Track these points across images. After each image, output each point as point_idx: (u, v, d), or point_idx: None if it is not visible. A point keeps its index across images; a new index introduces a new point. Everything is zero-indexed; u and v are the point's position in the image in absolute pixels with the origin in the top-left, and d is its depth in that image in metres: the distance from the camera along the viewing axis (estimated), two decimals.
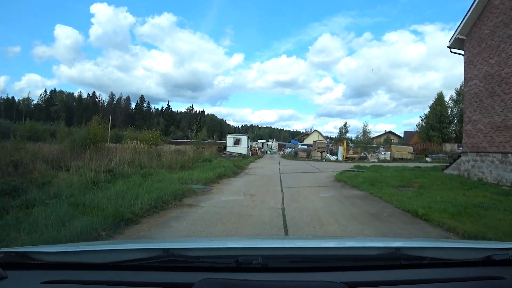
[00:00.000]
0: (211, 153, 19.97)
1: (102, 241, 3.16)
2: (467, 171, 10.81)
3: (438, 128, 34.82)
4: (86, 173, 6.34)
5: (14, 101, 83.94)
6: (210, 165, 12.37)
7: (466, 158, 11.05)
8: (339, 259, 1.16)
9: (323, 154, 25.30)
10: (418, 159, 24.18)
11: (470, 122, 10.95)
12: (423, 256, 1.12)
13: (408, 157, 23.89)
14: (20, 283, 0.99)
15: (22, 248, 1.45)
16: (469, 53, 11.24)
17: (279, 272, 1.04)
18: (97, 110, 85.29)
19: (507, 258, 1.11)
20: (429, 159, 23.93)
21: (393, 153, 24.15)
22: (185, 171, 10.00)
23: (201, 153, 16.69)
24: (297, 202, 5.99)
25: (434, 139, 33.87)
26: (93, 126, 14.12)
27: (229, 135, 29.07)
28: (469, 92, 11.23)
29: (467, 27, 11.21)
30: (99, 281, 0.98)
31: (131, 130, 15.56)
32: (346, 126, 42.31)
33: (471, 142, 10.84)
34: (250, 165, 16.94)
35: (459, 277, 1.06)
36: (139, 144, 12.05)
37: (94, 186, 6.16)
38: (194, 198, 6.18)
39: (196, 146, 16.57)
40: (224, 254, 1.17)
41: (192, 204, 5.54)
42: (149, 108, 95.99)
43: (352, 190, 7.80)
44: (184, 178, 8.00)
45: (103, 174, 6.79)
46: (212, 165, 12.29)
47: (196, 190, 6.79)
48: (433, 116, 35.10)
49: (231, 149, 25.77)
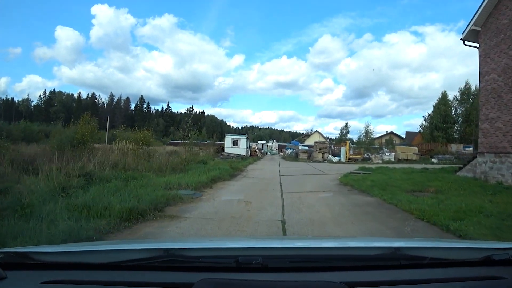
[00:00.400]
0: (208, 154, 19.10)
1: (102, 241, 3.06)
2: (484, 174, 9.90)
3: (442, 128, 33.90)
4: (55, 178, 5.45)
5: (13, 102, 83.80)
6: (205, 167, 11.47)
7: (482, 159, 10.14)
8: (339, 259, 1.14)
9: (325, 155, 24.39)
10: (424, 160, 23.30)
11: (487, 120, 10.05)
12: (423, 256, 1.11)
13: (413, 158, 22.98)
14: (20, 283, 0.98)
15: (22, 248, 1.44)
16: (485, 46, 10.35)
17: (279, 272, 1.03)
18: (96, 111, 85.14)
19: (507, 258, 1.09)
20: (435, 160, 23.01)
21: (398, 154, 23.24)
22: (176, 174, 9.12)
23: (196, 154, 15.77)
24: (299, 211, 5.09)
25: (439, 139, 32.94)
26: (81, 125, 13.24)
27: (227, 136, 27.84)
28: (485, 87, 10.32)
29: (483, 17, 10.33)
30: (99, 281, 0.98)
31: (121, 129, 14.67)
32: (347, 127, 41.86)
33: (489, 142, 9.93)
34: (249, 167, 16.03)
35: (459, 277, 1.06)
36: (128, 144, 11.15)
37: (63, 192, 5.27)
38: (180, 206, 5.29)
39: (189, 146, 15.58)
40: (224, 254, 1.16)
41: (175, 215, 4.64)
42: (149, 109, 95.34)
43: (361, 196, 6.89)
44: (172, 183, 7.11)
45: (76, 178, 5.90)
46: (207, 167, 11.39)
47: (184, 197, 5.90)
48: (438, 116, 34.16)
49: (230, 150, 24.73)
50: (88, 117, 13.49)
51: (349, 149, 23.93)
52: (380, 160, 22.24)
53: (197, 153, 17.54)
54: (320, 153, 24.41)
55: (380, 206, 5.71)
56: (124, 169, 8.21)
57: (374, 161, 21.97)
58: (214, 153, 21.65)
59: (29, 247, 1.77)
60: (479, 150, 10.52)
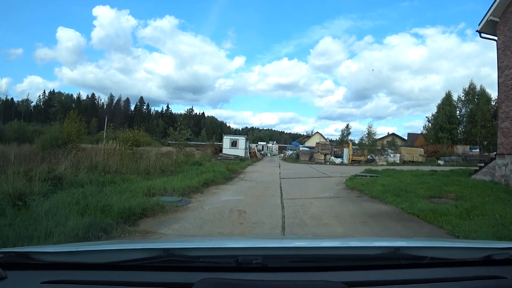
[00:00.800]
0: (205, 156, 18.21)
1: (102, 241, 2.98)
2: (505, 178, 8.98)
3: (447, 129, 32.98)
4: (10, 183, 4.54)
5: (13, 103, 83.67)
6: (198, 169, 10.55)
7: (502, 161, 9.22)
8: (339, 259, 1.13)
9: (327, 156, 23.45)
10: (430, 162, 22.40)
11: (508, 118, 9.14)
12: (423, 256, 1.10)
13: (419, 159, 22.07)
14: (20, 283, 0.98)
15: (22, 248, 1.39)
16: (505, 37, 9.45)
17: (279, 272, 1.03)
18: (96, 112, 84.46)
19: (507, 257, 1.09)
20: (442, 162, 22.07)
21: (403, 156, 22.31)
22: (165, 177, 8.21)
23: (191, 155, 14.83)
24: (303, 225, 4.18)
25: (444, 140, 32.03)
26: (67, 124, 12.38)
27: (225, 136, 26.47)
28: (505, 83, 9.42)
29: (502, 7, 9.44)
30: (99, 281, 0.97)
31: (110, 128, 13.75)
32: (348, 128, 41.32)
33: (510, 143, 9.03)
34: (247, 169, 15.09)
35: (459, 276, 1.05)
36: (115, 144, 10.25)
37: (19, 200, 4.37)
38: (158, 218, 4.38)
39: (180, 146, 14.59)
40: (224, 254, 1.15)
41: (149, 230, 3.74)
42: (149, 110, 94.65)
43: (374, 204, 5.97)
44: (156, 187, 6.21)
45: (39, 183, 5.00)
46: (201, 169, 10.48)
47: (166, 205, 4.99)
48: (442, 117, 33.24)
49: (228, 151, 23.59)
50: (75, 115, 12.62)
51: (352, 150, 23.00)
52: (384, 162, 21.31)
53: (192, 154, 16.67)
54: (321, 154, 23.46)
55: (400, 217, 4.79)
56: (104, 171, 7.30)
57: (379, 163, 21.04)
58: (212, 154, 20.74)
59: (29, 247, 1.75)
60: (498, 152, 9.60)
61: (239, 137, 26.14)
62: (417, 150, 23.58)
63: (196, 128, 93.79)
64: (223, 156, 20.86)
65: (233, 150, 23.68)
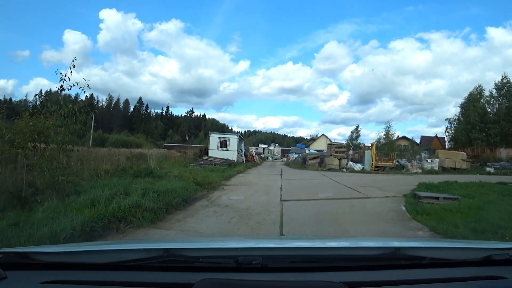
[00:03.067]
0: (182, 159, 13.45)
1: (102, 241, 2.94)
2: None
3: (481, 128, 27.83)
4: None
5: (11, 103, 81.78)
6: (134, 183, 5.83)
7: None
8: (339, 259, 1.13)
9: (342, 161, 18.52)
10: (476, 169, 17.47)
11: None
12: (423, 256, 1.11)
13: (463, 166, 17.08)
14: (20, 283, 0.97)
15: (22, 248, 1.43)
16: None
17: (279, 272, 1.02)
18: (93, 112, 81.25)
19: (507, 258, 1.09)
20: (492, 169, 17.07)
21: (442, 161, 17.31)
22: None
23: (142, 158, 10.08)
24: None
25: (478, 142, 26.90)
26: (25, 120, 7.25)
27: (212, 134, 20.81)
28: None
29: None
30: (99, 281, 0.97)
31: None
32: (358, 130, 37.33)
33: None
34: (233, 180, 10.31)
35: (459, 277, 1.05)
36: None
37: None
38: None
39: None
40: (224, 254, 1.15)
41: None
42: (148, 111, 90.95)
43: None
44: None
45: None
46: (133, 185, 5.77)
47: None
48: (475, 114, 28.06)
49: (215, 153, 18.63)
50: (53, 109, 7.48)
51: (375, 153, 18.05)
52: (419, 169, 16.37)
53: (172, 157, 11.94)
54: (335, 158, 18.54)
55: None
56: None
57: (412, 170, 16.12)
58: (193, 157, 15.95)
59: (29, 247, 1.74)
60: None
61: (230, 135, 20.99)
62: (458, 154, 18.49)
63: (197, 130, 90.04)
64: (208, 160, 15.90)
65: (222, 151, 18.63)
